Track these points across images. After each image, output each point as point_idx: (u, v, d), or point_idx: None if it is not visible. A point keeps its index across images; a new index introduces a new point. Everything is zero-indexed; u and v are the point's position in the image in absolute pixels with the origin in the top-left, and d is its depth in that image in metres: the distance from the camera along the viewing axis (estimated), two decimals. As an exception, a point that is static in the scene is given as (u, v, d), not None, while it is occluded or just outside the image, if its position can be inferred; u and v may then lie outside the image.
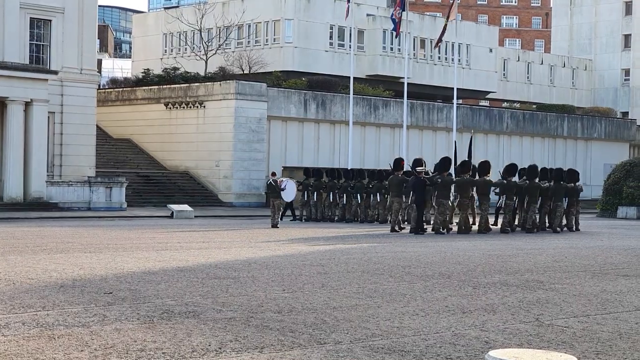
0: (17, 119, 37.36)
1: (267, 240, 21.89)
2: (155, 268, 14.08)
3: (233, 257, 16.42)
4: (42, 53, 40.99)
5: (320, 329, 8.74)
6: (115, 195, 39.89)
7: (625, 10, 78.53)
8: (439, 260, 16.71)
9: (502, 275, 13.99)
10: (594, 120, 64.92)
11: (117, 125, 52.20)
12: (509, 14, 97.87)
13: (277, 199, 29.31)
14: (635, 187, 42.51)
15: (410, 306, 10.38)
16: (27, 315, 9.23)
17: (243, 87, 46.92)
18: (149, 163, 49.99)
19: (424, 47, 62.51)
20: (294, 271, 13.97)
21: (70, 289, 11.29)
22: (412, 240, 23.05)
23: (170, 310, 9.66)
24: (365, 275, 13.56)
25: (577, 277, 14.07)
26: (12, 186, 37.22)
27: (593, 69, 79.91)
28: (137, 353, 7.43)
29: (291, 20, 56.08)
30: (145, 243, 20.40)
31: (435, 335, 8.54)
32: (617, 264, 16.81)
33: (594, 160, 63.61)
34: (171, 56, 61.46)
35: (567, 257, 17.96)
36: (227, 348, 7.71)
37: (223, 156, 46.35)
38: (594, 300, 11.27)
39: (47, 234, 23.41)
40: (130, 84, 55.20)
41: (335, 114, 50.25)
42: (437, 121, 54.77)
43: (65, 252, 17.22)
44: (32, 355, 7.27)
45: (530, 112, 61.69)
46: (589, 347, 8.15)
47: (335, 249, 19.40)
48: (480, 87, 66.78)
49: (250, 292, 11.29)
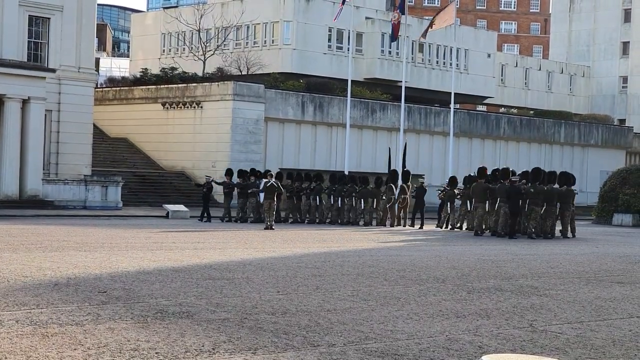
0: (14, 116, 37.32)
1: (262, 242, 21.87)
2: (149, 268, 14.07)
3: (228, 258, 16.41)
4: (41, 51, 40.95)
5: (314, 331, 8.74)
6: (111, 194, 39.85)
7: (624, 17, 78.63)
8: (434, 264, 16.72)
9: (496, 281, 14.00)
10: (591, 127, 64.98)
11: (114, 125, 52.16)
12: (508, 19, 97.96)
13: (273, 201, 29.30)
14: (631, 195, 42.53)
15: (404, 310, 10.38)
16: (20, 313, 9.21)
17: (241, 88, 46.91)
18: (145, 163, 49.95)
19: (422, 51, 62.54)
20: (289, 273, 13.97)
21: (65, 288, 11.27)
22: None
23: (164, 310, 9.65)
24: (360, 279, 13.56)
25: (572, 283, 14.08)
26: (8, 183, 37.18)
27: (591, 75, 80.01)
28: (130, 352, 7.42)
29: (290, 22, 56.07)
30: (140, 243, 20.38)
31: (429, 340, 8.54)
32: (611, 271, 16.82)
33: (590, 166, 63.66)
34: (169, 56, 61.43)
35: (562, 264, 17.97)
36: (221, 349, 7.70)
37: (220, 157, 46.32)
38: (588, 307, 11.28)
39: (42, 232, 23.38)
40: (127, 83, 55.17)
41: (333, 117, 50.25)
42: (434, 125, 54.79)
43: (60, 250, 17.20)
44: (25, 353, 7.26)
45: (527, 118, 61.74)
46: (583, 354, 8.15)
47: (330, 251, 19.39)
48: (477, 92, 66.80)
49: (245, 294, 11.29)
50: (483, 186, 28.95)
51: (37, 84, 38.02)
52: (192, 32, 58.50)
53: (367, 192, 34.05)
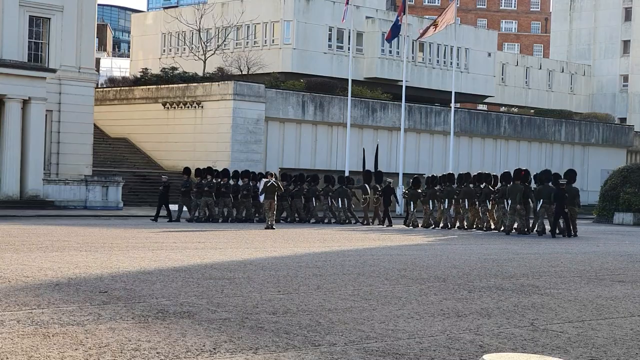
0: (14, 116, 37.33)
1: (263, 242, 21.88)
2: (150, 268, 14.07)
3: (229, 258, 16.41)
4: (41, 51, 40.96)
5: (315, 330, 8.74)
6: (112, 194, 39.86)
7: (625, 16, 78.62)
8: (435, 263, 16.72)
9: (497, 280, 13.99)
10: (592, 125, 64.98)
11: (115, 125, 52.17)
12: (508, 18, 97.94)
13: (273, 201, 29.31)
14: (632, 193, 42.53)
15: (405, 309, 10.38)
16: (22, 313, 9.22)
17: (241, 87, 46.91)
18: (145, 163, 49.95)
19: (422, 51, 62.53)
20: (290, 272, 13.97)
21: (66, 288, 11.28)
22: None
23: (165, 310, 9.66)
24: (361, 278, 13.56)
25: (573, 282, 14.08)
26: (9, 184, 37.19)
27: (591, 74, 80.00)
28: (131, 352, 7.42)
29: (290, 22, 56.06)
30: (140, 242, 20.38)
31: (430, 339, 8.54)
32: (612, 269, 16.82)
33: (591, 165, 63.67)
34: (169, 56, 61.44)
35: (563, 262, 17.97)
36: (222, 349, 7.70)
37: (220, 157, 46.30)
38: (589, 306, 11.28)
39: (43, 232, 23.38)
40: (128, 83, 55.17)
41: (333, 116, 50.25)
42: (435, 125, 54.79)
43: (60, 250, 17.20)
44: (26, 353, 7.26)
45: (528, 117, 61.75)
46: (584, 353, 8.15)
47: (331, 251, 19.39)
48: (478, 91, 66.80)
49: (246, 293, 11.29)
50: (519, 187, 29.63)
51: (37, 84, 38.03)
52: (192, 32, 58.50)
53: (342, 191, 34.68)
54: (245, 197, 33.41)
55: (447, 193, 32.64)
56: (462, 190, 32.32)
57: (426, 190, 33.94)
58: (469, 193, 31.96)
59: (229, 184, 33.48)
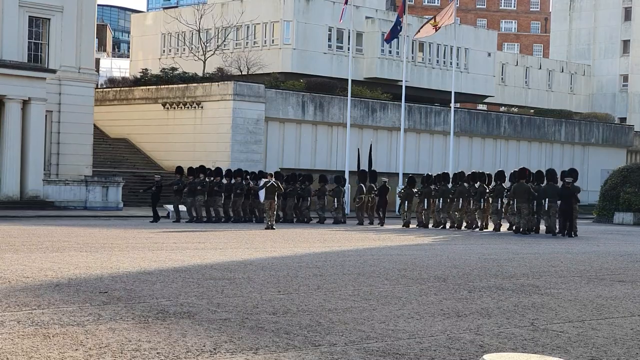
0: (14, 117, 37.34)
1: (263, 242, 21.88)
2: (150, 268, 14.07)
3: (229, 258, 16.42)
4: (41, 51, 40.97)
5: (315, 330, 8.74)
6: (112, 194, 39.87)
7: (625, 16, 78.62)
8: (435, 263, 16.72)
9: (497, 280, 14.00)
10: (592, 125, 64.98)
11: (115, 125, 52.18)
12: (508, 18, 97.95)
13: (273, 201, 29.31)
14: (632, 193, 42.54)
15: (405, 309, 10.38)
16: (22, 313, 9.22)
17: (241, 88, 46.91)
18: (145, 163, 49.94)
19: (422, 51, 62.53)
20: (290, 273, 13.97)
21: (66, 288, 11.28)
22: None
23: (165, 311, 9.66)
24: (361, 278, 13.56)
25: (573, 282, 14.08)
26: (9, 184, 37.20)
27: (591, 74, 80.00)
28: (131, 353, 7.42)
29: (290, 22, 56.05)
30: (141, 243, 20.38)
31: (430, 339, 8.54)
32: (613, 269, 16.82)
33: (591, 165, 63.67)
34: (169, 56, 61.43)
35: (563, 262, 17.97)
36: (222, 349, 7.71)
37: (220, 157, 46.29)
38: (589, 306, 11.28)
39: (43, 232, 23.39)
40: (128, 83, 55.16)
41: (333, 116, 50.24)
42: (435, 125, 54.79)
43: (60, 251, 17.20)
44: (26, 353, 7.26)
45: (527, 117, 61.75)
46: (584, 352, 8.15)
47: (331, 251, 19.39)
48: (478, 91, 66.80)
49: (246, 293, 11.29)
50: (525, 187, 29.69)
51: (37, 85, 38.04)
52: (192, 32, 58.49)
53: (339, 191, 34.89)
54: (238, 196, 33.33)
55: (442, 192, 32.77)
56: (456, 190, 32.44)
57: (422, 189, 34.15)
58: (463, 192, 32.06)
59: (221, 183, 33.41)
